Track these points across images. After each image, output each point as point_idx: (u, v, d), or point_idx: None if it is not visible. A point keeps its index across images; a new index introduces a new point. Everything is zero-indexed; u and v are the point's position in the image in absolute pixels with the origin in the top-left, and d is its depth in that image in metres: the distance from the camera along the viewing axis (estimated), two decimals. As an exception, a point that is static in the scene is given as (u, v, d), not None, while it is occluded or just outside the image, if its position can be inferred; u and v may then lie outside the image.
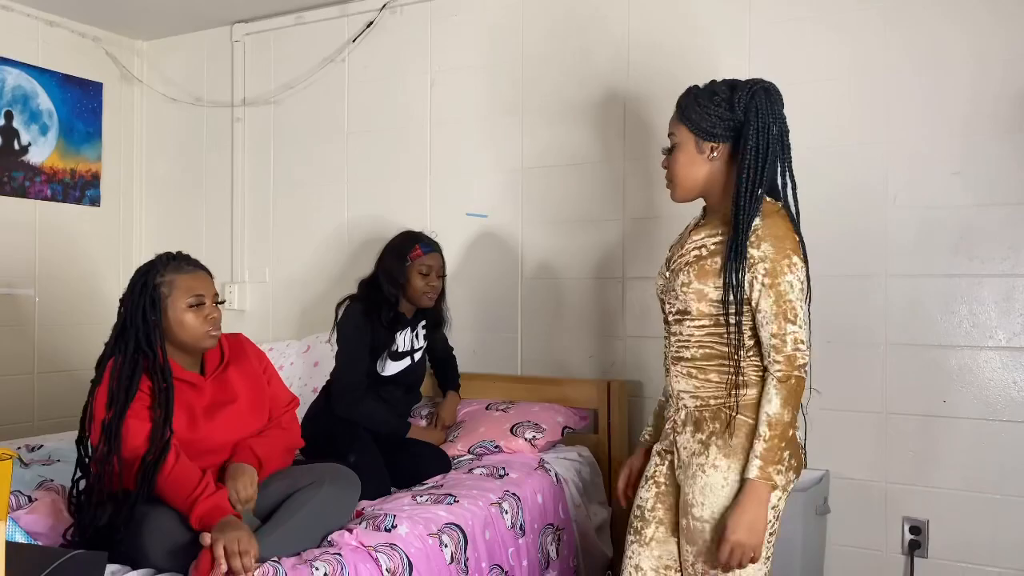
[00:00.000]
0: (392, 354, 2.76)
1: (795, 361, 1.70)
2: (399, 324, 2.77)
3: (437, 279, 2.78)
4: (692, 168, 1.85)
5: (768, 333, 1.71)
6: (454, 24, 3.39)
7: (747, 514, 1.68)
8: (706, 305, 1.78)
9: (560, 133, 3.16)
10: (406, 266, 2.73)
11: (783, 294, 1.70)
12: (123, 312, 2.03)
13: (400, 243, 2.78)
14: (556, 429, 2.84)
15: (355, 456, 2.47)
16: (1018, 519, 2.45)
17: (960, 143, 2.53)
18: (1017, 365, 2.47)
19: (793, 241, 1.74)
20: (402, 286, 2.74)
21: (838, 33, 2.69)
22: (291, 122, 3.79)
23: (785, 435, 1.69)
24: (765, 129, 1.75)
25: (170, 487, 1.87)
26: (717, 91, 1.81)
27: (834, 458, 2.67)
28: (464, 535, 2.18)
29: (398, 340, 2.77)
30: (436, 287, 2.78)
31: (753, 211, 1.74)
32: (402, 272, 2.73)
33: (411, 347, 2.83)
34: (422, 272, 2.74)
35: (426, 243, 2.78)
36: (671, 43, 2.93)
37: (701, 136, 1.82)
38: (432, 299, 2.79)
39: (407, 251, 2.74)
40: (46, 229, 3.82)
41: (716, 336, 1.78)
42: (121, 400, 1.91)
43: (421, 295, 2.75)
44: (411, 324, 2.83)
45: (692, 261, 1.83)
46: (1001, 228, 2.48)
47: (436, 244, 2.82)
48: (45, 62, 3.80)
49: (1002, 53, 2.48)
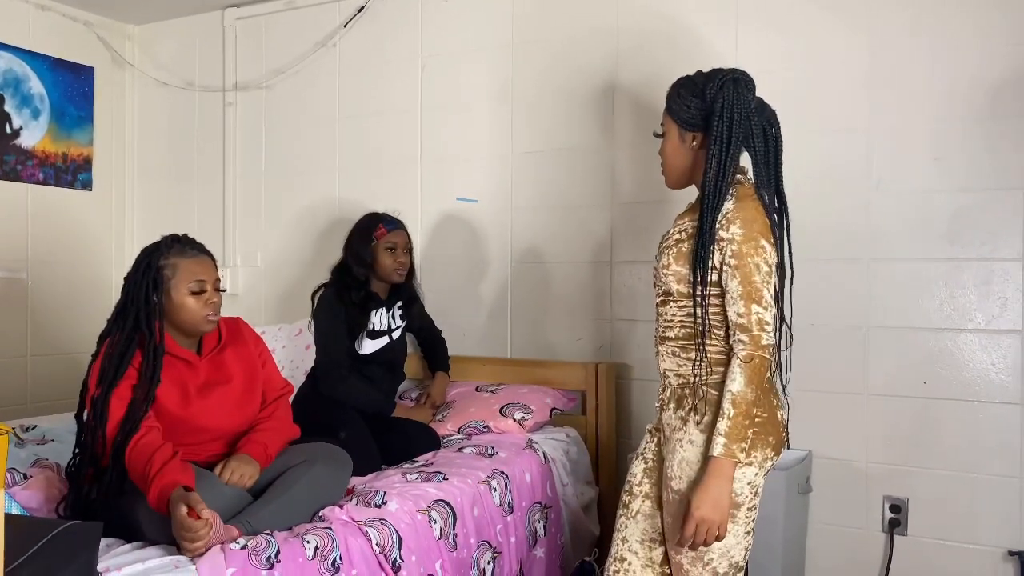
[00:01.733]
0: (369, 333, 2.84)
1: (759, 341, 1.74)
2: (371, 302, 2.85)
3: (404, 255, 2.88)
4: (678, 157, 1.91)
5: (734, 313, 1.76)
6: (445, 10, 3.40)
7: (711, 491, 1.72)
8: (684, 286, 1.83)
9: (549, 119, 3.19)
10: (372, 246, 2.83)
11: (748, 275, 1.74)
12: (125, 290, 2.07)
13: (364, 224, 2.88)
14: (545, 410, 2.89)
15: (345, 433, 2.51)
16: (995, 498, 2.51)
17: (941, 129, 2.57)
18: (995, 347, 2.52)
19: (763, 224, 1.78)
20: (371, 265, 2.83)
21: (822, 19, 2.72)
22: (283, 107, 3.81)
23: (749, 413, 1.73)
24: (731, 118, 1.80)
25: (131, 463, 1.88)
26: (696, 81, 1.87)
27: (817, 438, 2.72)
28: (453, 511, 2.22)
29: (373, 319, 2.85)
30: (404, 263, 2.87)
31: (722, 196, 1.79)
32: (368, 252, 2.83)
33: (388, 326, 2.90)
34: (389, 248, 2.83)
35: (389, 221, 2.88)
36: (660, 29, 2.96)
37: (682, 126, 1.88)
38: (402, 274, 2.88)
39: (372, 231, 2.84)
40: (38, 213, 3.83)
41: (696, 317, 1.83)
42: (110, 377, 1.96)
43: (391, 272, 2.84)
44: (386, 304, 2.91)
45: (672, 244, 1.90)
46: (981, 213, 2.53)
47: (399, 222, 2.92)
48: (36, 46, 3.80)
49: (980, 41, 2.52)
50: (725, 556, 1.81)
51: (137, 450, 1.88)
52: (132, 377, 1.98)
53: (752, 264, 1.75)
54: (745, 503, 1.79)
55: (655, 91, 2.91)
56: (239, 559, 1.73)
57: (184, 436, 2.02)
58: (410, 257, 2.93)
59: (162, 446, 1.89)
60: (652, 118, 2.89)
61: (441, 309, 3.34)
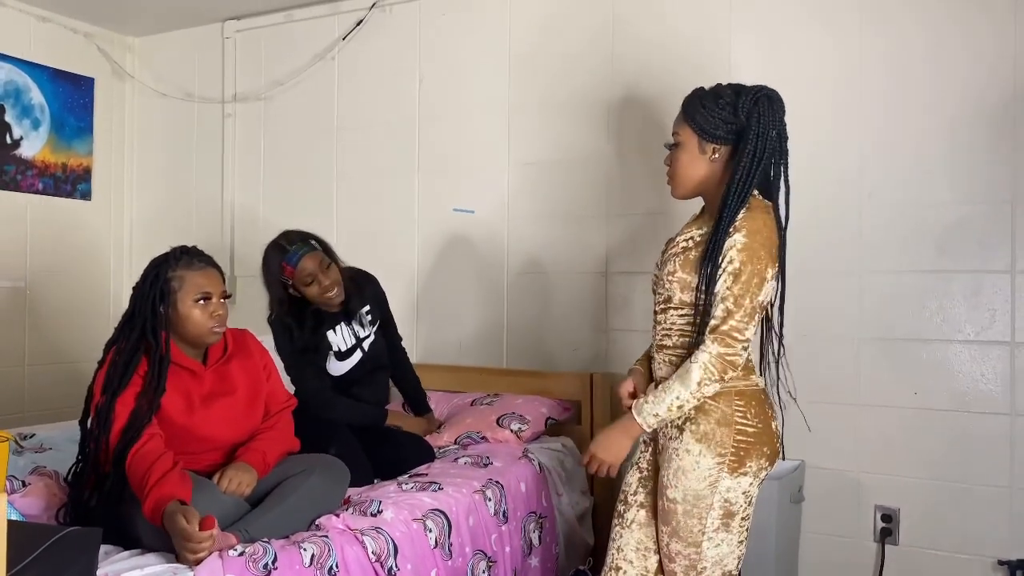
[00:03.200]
0: (337, 355, 2.71)
1: (725, 345, 1.77)
2: (324, 325, 2.67)
3: (327, 275, 2.58)
4: (693, 167, 1.92)
5: (717, 311, 1.79)
6: (443, 23, 3.44)
7: (611, 436, 1.91)
8: (688, 294, 1.85)
9: (546, 131, 3.23)
10: (290, 286, 2.60)
11: (736, 281, 1.77)
12: (133, 300, 2.10)
13: (269, 268, 2.61)
14: (540, 420, 2.91)
15: (335, 448, 2.45)
16: (985, 508, 2.53)
17: (932, 143, 2.61)
18: (985, 358, 2.55)
19: (767, 237, 1.80)
20: (301, 300, 2.62)
21: (817, 32, 2.76)
22: (281, 118, 3.84)
23: (682, 408, 1.80)
24: (765, 134, 1.83)
25: (131, 471, 1.90)
26: (722, 95, 1.88)
27: (809, 448, 2.74)
28: (448, 521, 2.24)
29: (333, 340, 2.70)
30: (332, 283, 2.59)
31: (739, 208, 1.82)
32: (286, 294, 2.60)
33: (355, 339, 2.75)
34: (307, 283, 2.57)
35: (291, 253, 2.56)
36: (656, 42, 3.00)
37: (704, 137, 1.89)
38: (338, 295, 2.63)
39: (278, 274, 2.58)
40: (37, 222, 3.85)
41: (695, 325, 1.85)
42: (115, 384, 1.98)
43: (325, 300, 2.62)
44: (343, 317, 2.72)
45: (679, 252, 1.91)
46: (970, 225, 2.56)
47: (302, 244, 2.59)
48: (37, 57, 3.84)
49: (970, 56, 2.56)
50: (718, 565, 1.83)
51: (138, 458, 1.89)
52: (137, 385, 2.01)
53: (747, 272, 1.77)
54: (739, 512, 1.81)
55: (653, 103, 2.97)
56: (236, 566, 1.74)
57: (185, 445, 2.05)
58: (334, 267, 2.62)
59: (163, 455, 1.91)
60: (649, 130, 2.94)
61: (437, 318, 3.37)
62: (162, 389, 2.01)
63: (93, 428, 1.98)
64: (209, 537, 1.72)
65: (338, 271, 2.65)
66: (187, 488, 1.86)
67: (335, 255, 2.68)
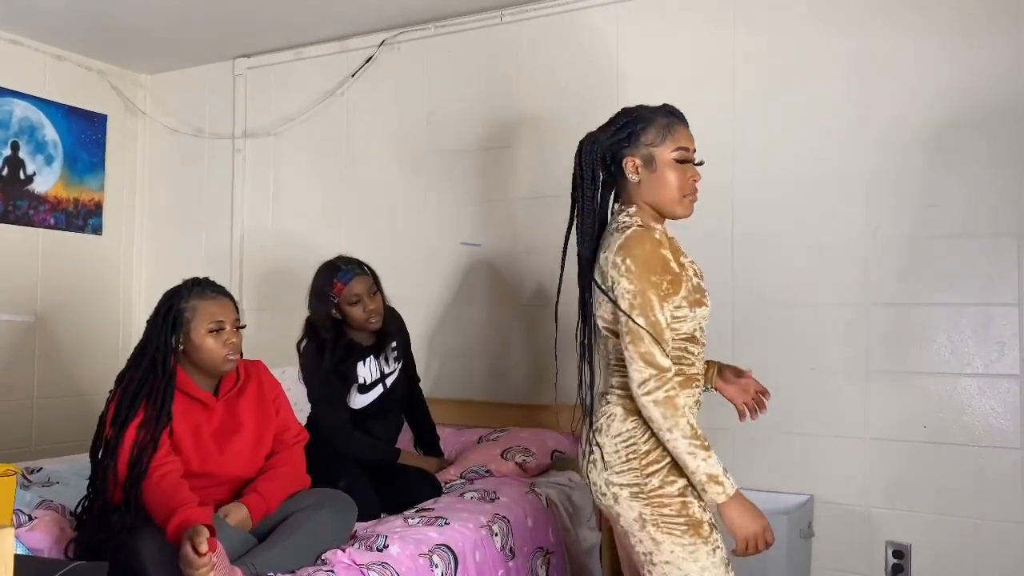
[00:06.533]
0: (360, 387, 2.71)
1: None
2: (354, 355, 2.70)
3: (373, 300, 2.67)
4: None
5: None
6: (450, 59, 3.49)
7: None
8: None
9: (553, 164, 3.25)
10: (334, 304, 2.66)
11: None
12: (147, 332, 2.13)
13: (319, 284, 2.69)
14: (546, 453, 2.90)
15: (344, 482, 2.43)
16: (998, 543, 2.50)
17: (936, 176, 2.62)
18: (994, 391, 2.54)
19: None
20: (342, 322, 2.68)
21: (816, 65, 2.79)
22: (291, 154, 3.89)
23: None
24: None
25: (153, 495, 1.92)
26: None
27: (819, 483, 2.72)
28: (455, 556, 2.22)
29: (360, 372, 2.72)
30: (375, 309, 2.68)
31: None
32: (330, 310, 2.65)
33: (380, 374, 2.76)
34: (352, 303, 2.65)
35: (344, 271, 2.66)
36: (657, 76, 3.03)
37: None
38: (378, 321, 2.69)
39: (328, 290, 2.65)
40: (49, 257, 3.89)
41: None
42: (122, 416, 1.99)
43: (364, 322, 2.67)
44: (374, 351, 2.75)
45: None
46: (977, 258, 2.56)
47: (354, 267, 2.69)
48: (52, 94, 3.90)
49: (978, 87, 2.58)
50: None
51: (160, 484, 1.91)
52: (144, 416, 2.02)
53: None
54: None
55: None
56: (242, 602, 1.74)
57: (191, 480, 2.04)
58: (380, 296, 2.71)
59: (182, 483, 1.94)
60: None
61: (445, 351, 3.37)
62: (165, 420, 2.01)
63: (103, 460, 1.98)
64: (207, 563, 1.71)
65: (382, 301, 2.73)
66: (208, 514, 1.87)
67: (382, 287, 2.75)
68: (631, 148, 1.85)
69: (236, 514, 2.04)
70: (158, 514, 1.89)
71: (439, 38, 3.51)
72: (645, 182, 1.85)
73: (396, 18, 3.50)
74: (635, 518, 1.76)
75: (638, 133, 1.85)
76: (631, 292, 1.74)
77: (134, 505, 1.92)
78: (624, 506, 1.77)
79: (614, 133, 1.88)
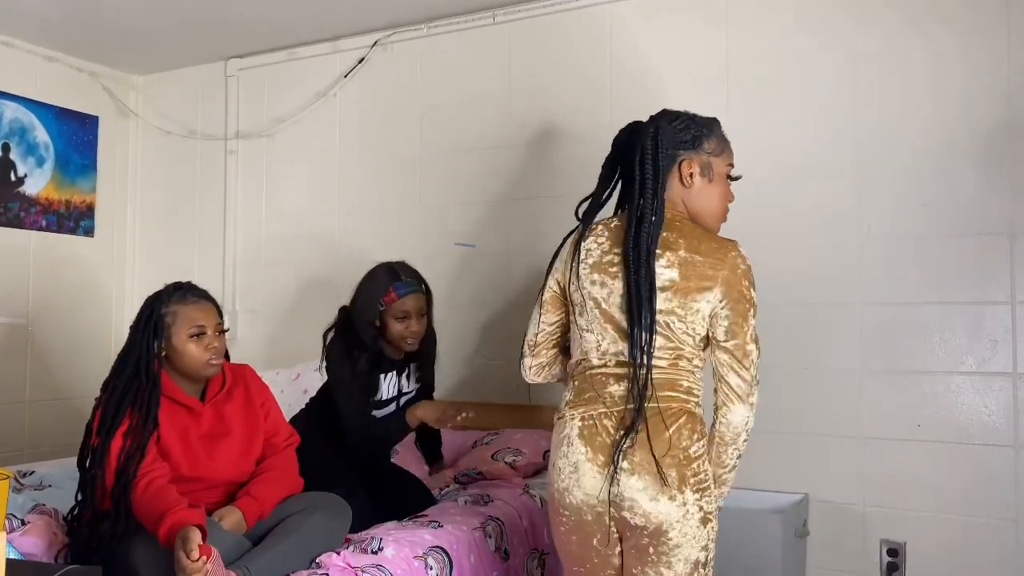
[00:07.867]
0: (374, 403, 2.57)
1: None
2: (381, 366, 2.55)
3: (418, 322, 2.50)
4: None
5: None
6: (443, 60, 3.49)
7: None
8: None
9: (545, 165, 3.25)
10: (380, 310, 2.48)
11: None
12: (129, 338, 2.12)
13: (374, 284, 2.51)
14: (537, 452, 2.90)
15: (338, 491, 2.35)
16: (992, 540, 2.51)
17: (929, 176, 2.63)
18: (987, 390, 2.54)
19: None
20: (379, 329, 2.50)
21: (811, 64, 2.79)
22: (284, 154, 3.88)
23: None
24: None
25: (142, 500, 1.91)
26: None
27: (813, 482, 2.73)
28: (449, 558, 2.22)
29: (381, 385, 2.57)
30: (417, 332, 2.50)
31: None
32: (376, 316, 2.48)
33: (397, 391, 2.63)
34: (398, 318, 2.48)
35: (403, 284, 2.48)
36: (649, 86, 3.03)
37: None
38: (414, 344, 2.52)
39: (380, 294, 2.47)
40: (40, 259, 3.87)
41: None
42: (108, 424, 1.99)
43: (400, 341, 2.50)
44: (398, 367, 2.60)
45: None
46: (970, 258, 2.57)
47: (415, 282, 2.52)
48: (43, 96, 3.88)
49: (968, 87, 2.59)
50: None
51: (149, 489, 1.90)
52: (130, 424, 2.01)
53: None
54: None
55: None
56: (236, 605, 1.73)
57: (181, 484, 2.03)
58: (427, 320, 2.53)
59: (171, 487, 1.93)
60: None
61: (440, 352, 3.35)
62: (152, 426, 2.01)
63: (90, 468, 1.97)
64: (200, 569, 1.70)
65: (426, 324, 2.57)
66: (200, 514, 1.87)
67: (432, 310, 2.60)
68: (692, 151, 1.82)
69: (230, 518, 2.04)
70: (148, 520, 1.88)
71: (432, 38, 3.50)
72: (697, 188, 1.83)
73: (389, 18, 3.50)
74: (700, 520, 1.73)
75: (701, 139, 1.82)
76: (751, 303, 1.75)
77: (124, 513, 1.92)
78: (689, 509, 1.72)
79: (677, 131, 1.82)
